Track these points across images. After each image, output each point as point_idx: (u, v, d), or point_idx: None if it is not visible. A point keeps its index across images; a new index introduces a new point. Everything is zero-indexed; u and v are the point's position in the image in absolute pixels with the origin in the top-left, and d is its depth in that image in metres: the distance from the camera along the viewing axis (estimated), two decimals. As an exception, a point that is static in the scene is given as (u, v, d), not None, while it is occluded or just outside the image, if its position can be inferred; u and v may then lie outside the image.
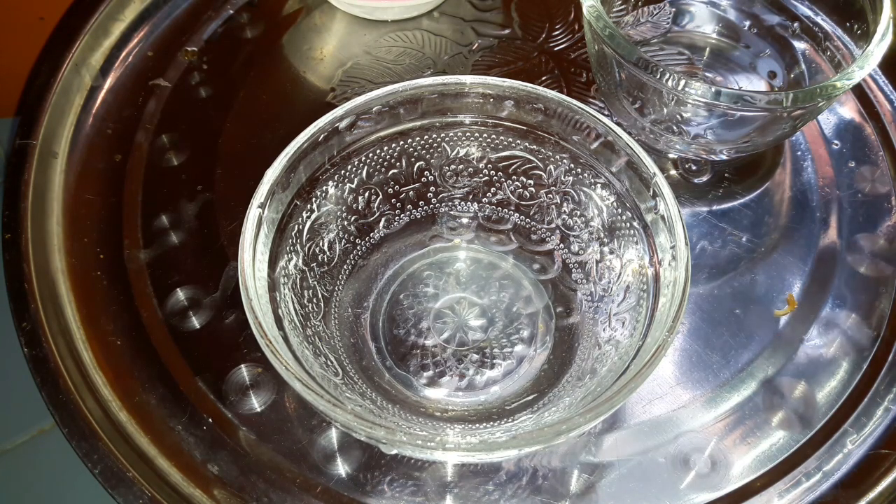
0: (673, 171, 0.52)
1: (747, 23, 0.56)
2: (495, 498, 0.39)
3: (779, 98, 0.42)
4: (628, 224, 0.41)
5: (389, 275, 0.46)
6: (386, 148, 0.43)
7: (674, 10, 0.57)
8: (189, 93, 0.55)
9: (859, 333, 0.45)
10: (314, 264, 0.42)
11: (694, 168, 0.52)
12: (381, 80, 0.57)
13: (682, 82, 0.43)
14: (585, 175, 0.42)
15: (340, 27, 0.60)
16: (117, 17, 0.56)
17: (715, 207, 0.50)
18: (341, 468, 0.40)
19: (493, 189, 0.46)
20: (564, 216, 0.45)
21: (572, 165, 0.42)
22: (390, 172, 0.44)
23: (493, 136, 0.44)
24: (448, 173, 0.45)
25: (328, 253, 0.44)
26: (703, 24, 0.57)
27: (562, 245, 0.45)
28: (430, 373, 0.43)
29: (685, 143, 0.48)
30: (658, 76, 0.43)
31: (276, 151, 0.38)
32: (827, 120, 0.54)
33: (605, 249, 0.43)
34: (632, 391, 0.32)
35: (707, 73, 0.55)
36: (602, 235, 0.43)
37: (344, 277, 0.45)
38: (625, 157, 0.39)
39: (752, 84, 0.54)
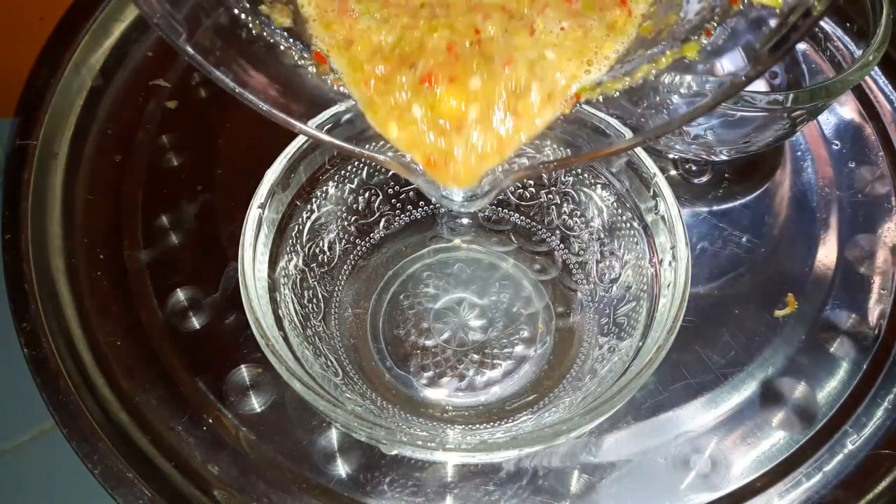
0: (673, 172, 0.52)
1: (747, 23, 0.55)
2: (495, 498, 0.39)
3: (779, 98, 0.42)
4: (628, 224, 0.41)
5: (389, 275, 0.46)
6: (386, 148, 0.43)
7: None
8: (189, 93, 0.55)
9: (859, 333, 0.45)
10: (314, 265, 0.42)
11: (694, 168, 0.51)
12: (381, 80, 0.56)
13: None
14: (585, 175, 0.42)
15: (340, 27, 0.60)
16: (117, 17, 0.56)
17: (715, 208, 0.50)
18: (341, 468, 0.40)
19: (493, 189, 0.46)
20: (564, 216, 0.45)
21: (572, 166, 0.42)
22: (390, 173, 0.44)
23: (494, 137, 0.44)
24: (448, 173, 0.45)
25: (328, 253, 0.44)
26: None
27: (562, 245, 0.45)
28: (431, 373, 0.43)
29: (685, 144, 0.48)
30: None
31: (276, 151, 0.38)
32: (827, 120, 0.54)
33: (606, 250, 0.43)
34: (632, 392, 0.32)
35: (707, 74, 0.55)
36: (602, 236, 0.43)
37: (344, 278, 0.45)
38: (625, 157, 0.39)
39: (752, 84, 0.54)
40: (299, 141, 0.39)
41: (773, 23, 0.28)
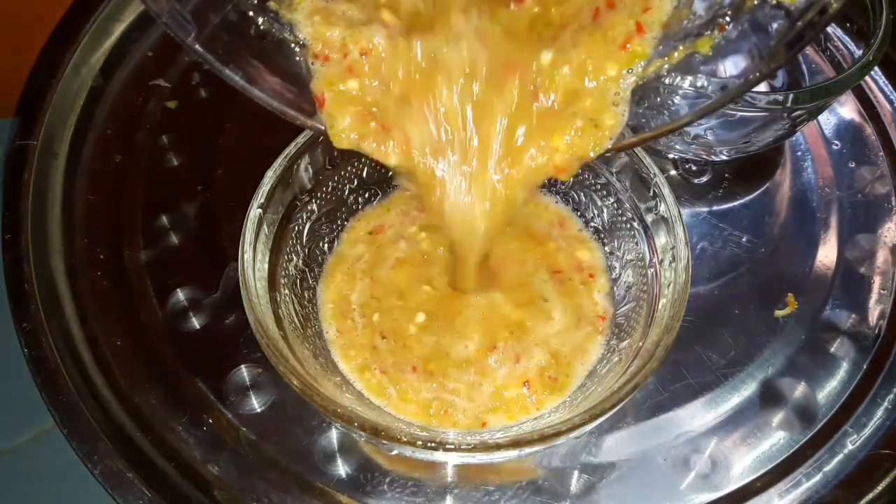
0: (673, 172, 0.51)
1: (747, 23, 0.55)
2: (495, 498, 0.39)
3: (779, 98, 0.42)
4: (628, 224, 0.41)
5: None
6: (386, 148, 0.43)
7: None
8: (189, 93, 0.55)
9: (859, 333, 0.45)
10: (314, 265, 0.42)
11: (694, 168, 0.51)
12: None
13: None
14: (585, 175, 0.42)
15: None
16: (117, 18, 0.56)
17: (715, 208, 0.50)
18: (341, 469, 0.40)
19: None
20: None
21: (572, 166, 0.42)
22: (391, 172, 0.44)
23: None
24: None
25: (328, 254, 0.44)
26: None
27: (562, 245, 0.45)
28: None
29: (685, 144, 0.48)
30: (658, 76, 0.43)
31: (276, 151, 0.38)
32: (827, 120, 0.54)
33: (606, 250, 0.43)
34: (631, 392, 0.32)
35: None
36: (602, 236, 0.43)
37: (344, 278, 0.44)
38: (625, 157, 0.39)
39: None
40: (299, 140, 0.39)
41: (786, 20, 0.28)
